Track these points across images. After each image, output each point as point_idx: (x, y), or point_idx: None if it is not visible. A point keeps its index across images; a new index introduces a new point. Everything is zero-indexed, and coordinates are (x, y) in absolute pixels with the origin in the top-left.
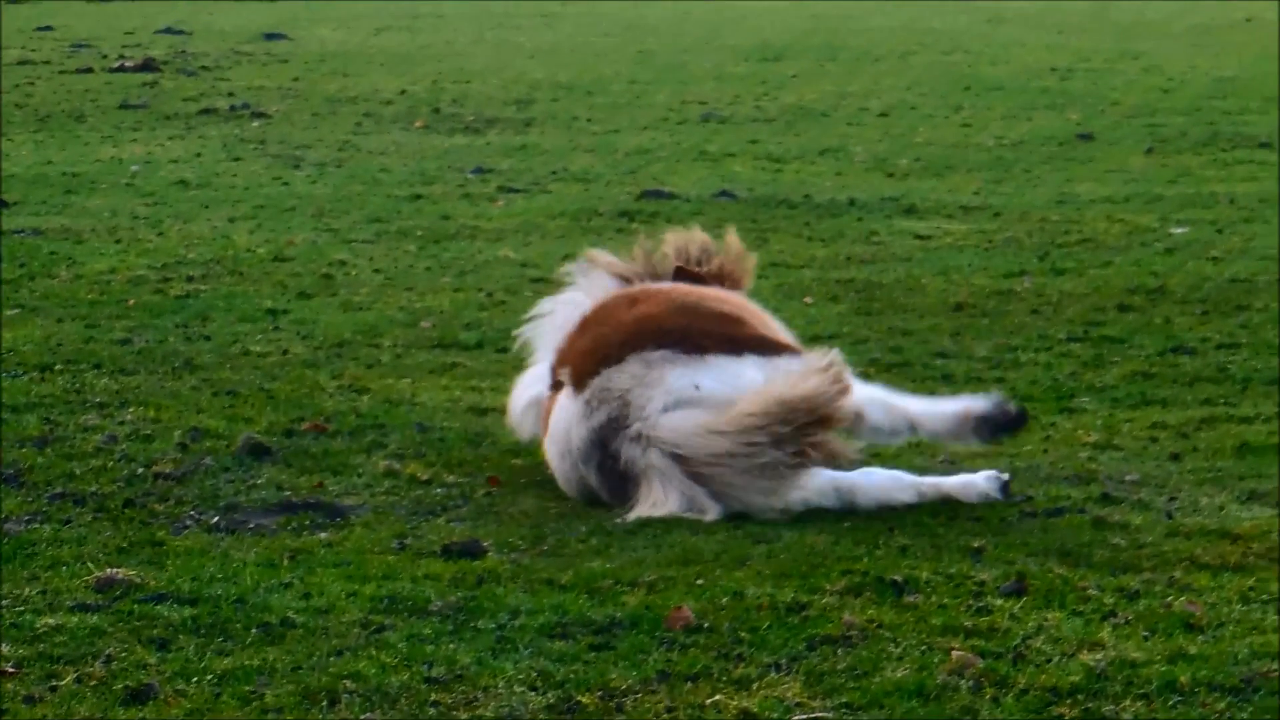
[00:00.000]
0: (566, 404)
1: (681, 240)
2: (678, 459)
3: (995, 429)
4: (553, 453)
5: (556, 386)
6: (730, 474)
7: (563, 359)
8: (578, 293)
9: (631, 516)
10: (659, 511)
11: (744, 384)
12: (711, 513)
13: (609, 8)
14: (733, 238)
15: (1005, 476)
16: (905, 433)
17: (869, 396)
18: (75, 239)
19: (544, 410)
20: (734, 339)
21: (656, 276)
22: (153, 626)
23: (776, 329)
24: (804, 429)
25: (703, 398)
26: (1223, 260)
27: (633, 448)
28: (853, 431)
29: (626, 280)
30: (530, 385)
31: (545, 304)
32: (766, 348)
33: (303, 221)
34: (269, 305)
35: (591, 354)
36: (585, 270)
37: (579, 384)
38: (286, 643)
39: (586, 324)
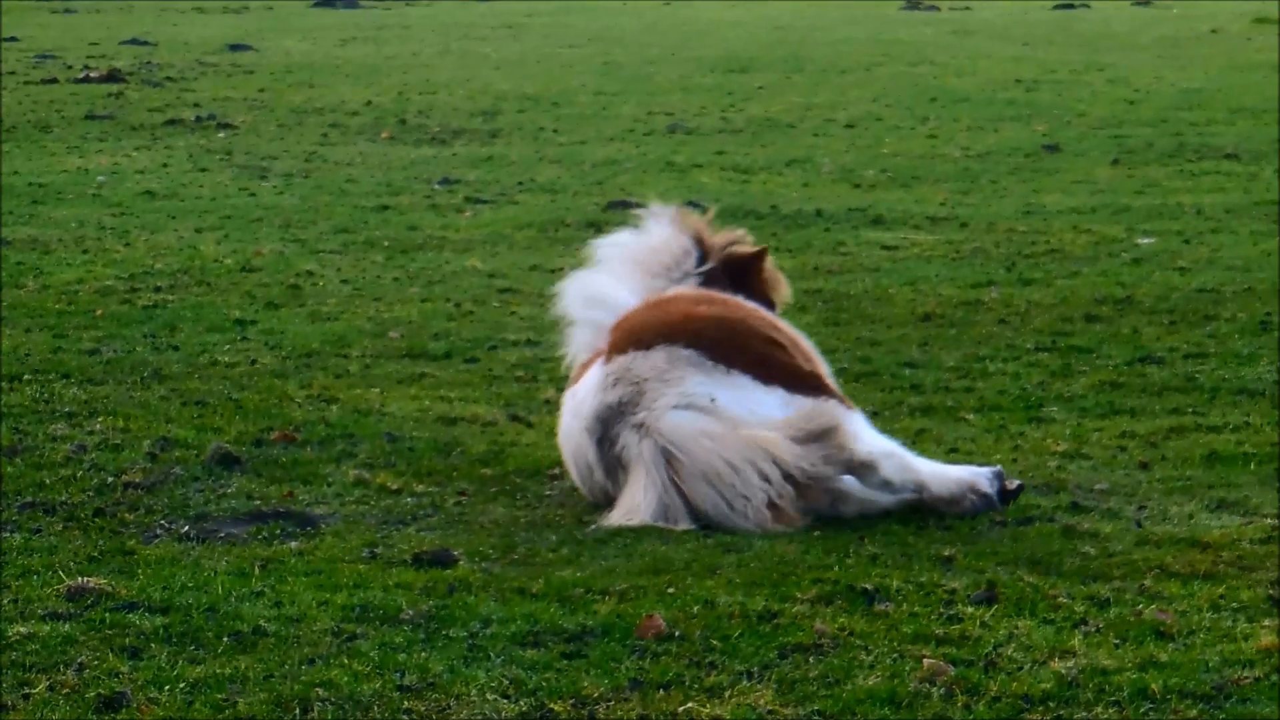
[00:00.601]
0: (596, 371)
1: (743, 236)
2: (668, 457)
3: (992, 504)
4: (567, 408)
5: (598, 353)
6: (713, 491)
7: (615, 327)
8: (645, 235)
9: (606, 522)
10: (633, 520)
11: (761, 412)
12: (683, 523)
13: (574, 19)
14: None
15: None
16: (911, 493)
17: (885, 451)
18: (42, 249)
19: (587, 361)
20: (768, 364)
21: (703, 245)
22: (124, 635)
23: (824, 372)
24: (792, 477)
25: (715, 410)
26: (1190, 270)
27: (631, 434)
28: (864, 481)
29: (697, 236)
30: (599, 299)
31: (620, 235)
32: (798, 385)
33: (270, 232)
34: (237, 315)
35: (629, 333)
36: (659, 216)
37: (609, 356)
38: (258, 651)
39: (653, 304)
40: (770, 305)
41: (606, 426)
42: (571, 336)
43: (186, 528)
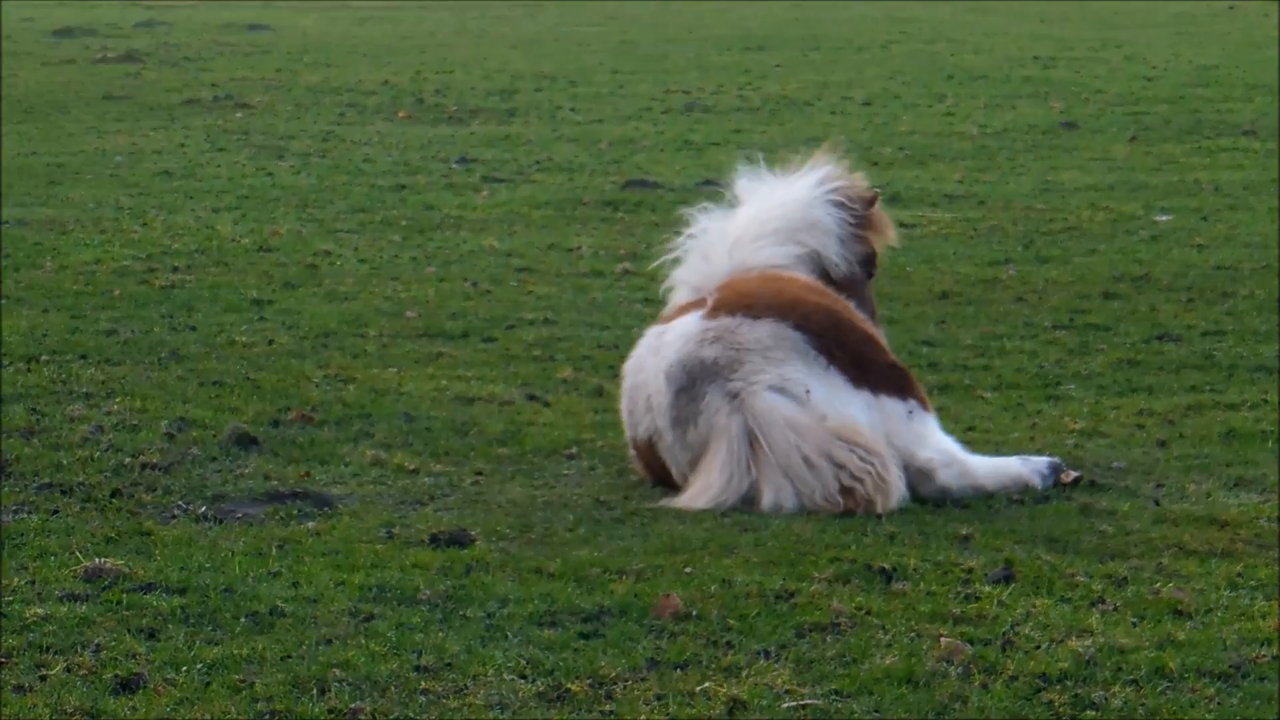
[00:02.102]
0: (692, 319)
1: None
2: (752, 439)
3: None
4: (647, 343)
5: (699, 303)
6: (788, 483)
7: (725, 285)
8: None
9: (671, 502)
10: (696, 504)
11: (846, 412)
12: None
13: None
14: None
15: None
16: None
17: (946, 459)
18: (60, 230)
19: (685, 304)
20: (862, 363)
21: (850, 205)
22: (141, 616)
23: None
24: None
25: (807, 402)
26: (1208, 247)
27: (721, 401)
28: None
29: (847, 194)
30: (723, 248)
31: (777, 180)
32: (885, 386)
33: (287, 212)
34: (254, 295)
35: (741, 296)
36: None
37: (713, 312)
38: (275, 632)
39: (769, 277)
40: (873, 252)
41: (693, 381)
42: (680, 272)
43: (204, 508)
